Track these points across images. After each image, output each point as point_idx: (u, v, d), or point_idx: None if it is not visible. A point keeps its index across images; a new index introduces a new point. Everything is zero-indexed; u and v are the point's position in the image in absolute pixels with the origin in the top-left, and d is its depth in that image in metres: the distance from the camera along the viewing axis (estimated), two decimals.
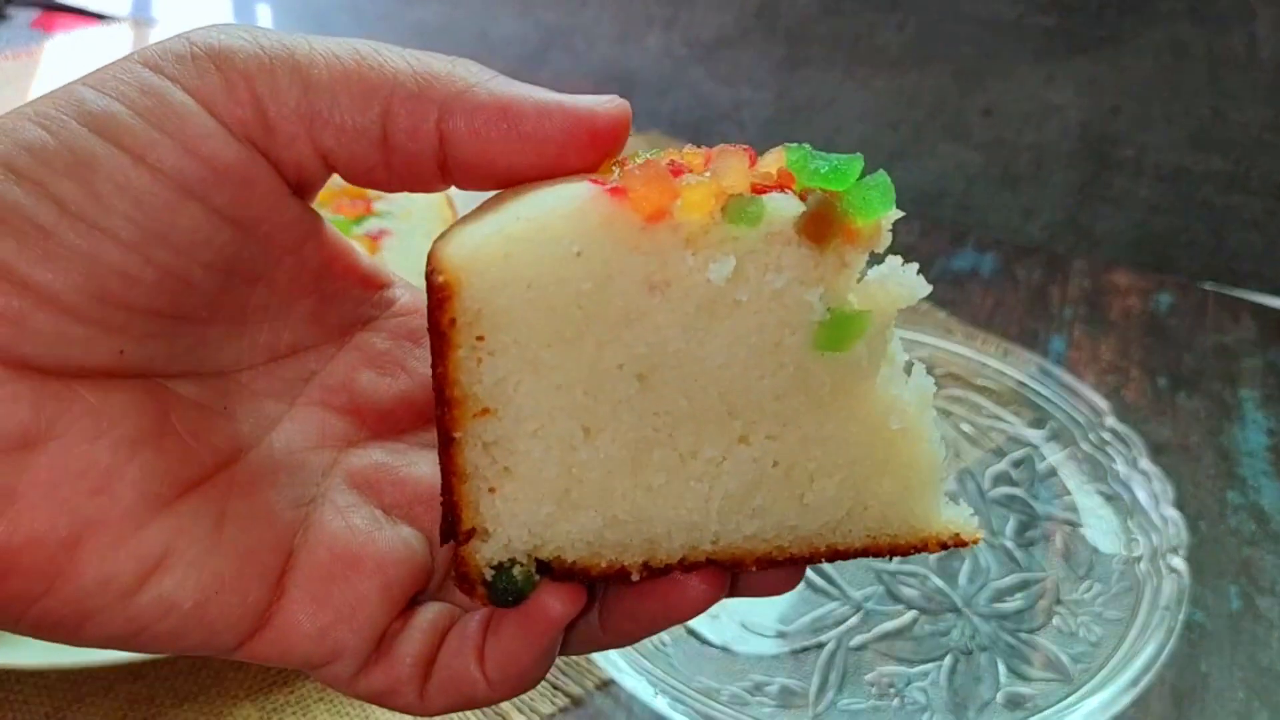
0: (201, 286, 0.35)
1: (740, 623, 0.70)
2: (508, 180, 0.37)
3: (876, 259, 0.37)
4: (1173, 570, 0.69)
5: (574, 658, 0.68)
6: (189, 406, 0.36)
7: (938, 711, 0.64)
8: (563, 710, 0.66)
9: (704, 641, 0.68)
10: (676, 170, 0.34)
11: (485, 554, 0.37)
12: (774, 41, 1.53)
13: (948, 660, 0.67)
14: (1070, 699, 0.63)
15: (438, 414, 0.36)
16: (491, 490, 0.37)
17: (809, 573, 0.73)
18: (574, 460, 0.37)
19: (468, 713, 0.65)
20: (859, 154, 0.35)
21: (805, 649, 0.68)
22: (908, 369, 0.39)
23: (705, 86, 1.42)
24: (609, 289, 0.34)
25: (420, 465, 0.41)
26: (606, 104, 0.36)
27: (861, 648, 0.68)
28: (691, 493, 0.37)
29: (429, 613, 0.40)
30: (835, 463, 0.37)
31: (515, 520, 0.37)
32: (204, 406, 0.37)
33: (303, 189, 0.37)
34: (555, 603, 0.37)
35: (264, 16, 1.58)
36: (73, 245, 0.31)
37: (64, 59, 1.39)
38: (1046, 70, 1.41)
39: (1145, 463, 0.77)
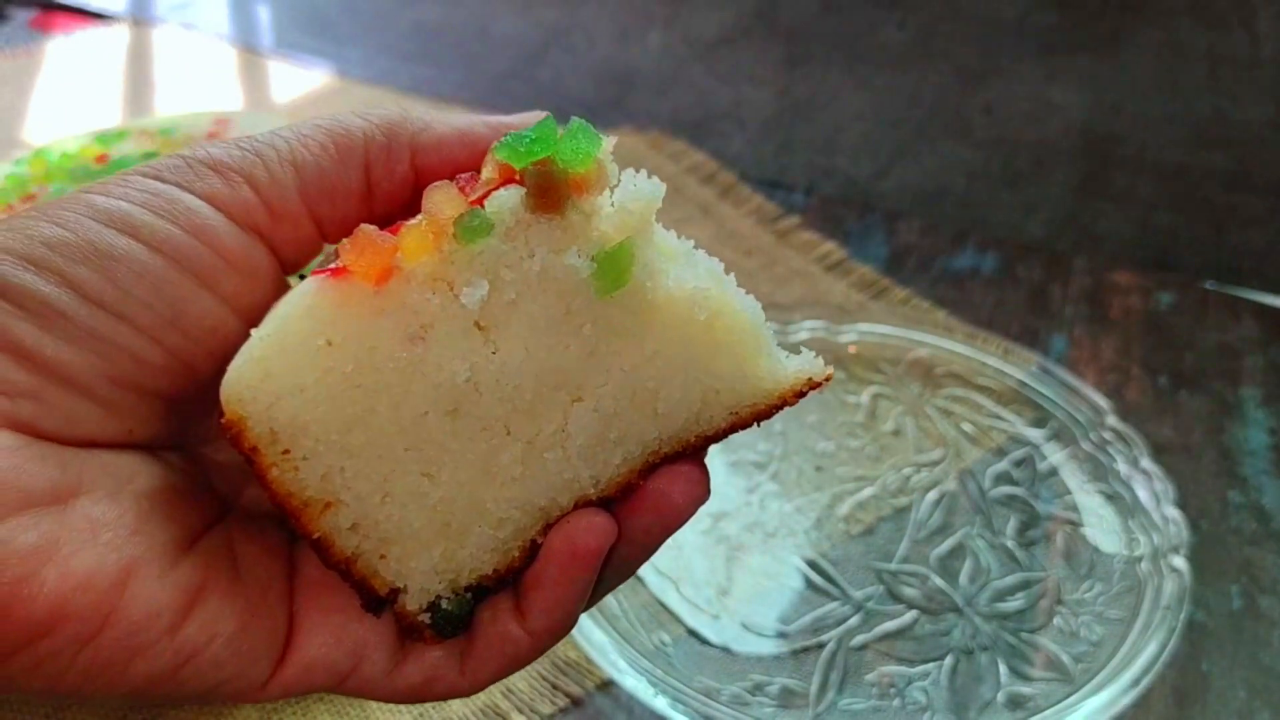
0: (201, 371, 0.37)
1: (741, 623, 0.69)
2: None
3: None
4: (1174, 570, 0.69)
5: (573, 658, 0.68)
6: (178, 472, 0.38)
7: (939, 712, 0.64)
8: (563, 710, 0.66)
9: (704, 641, 0.68)
10: (395, 228, 0.36)
11: (412, 605, 0.39)
12: (774, 40, 1.53)
13: (949, 660, 0.67)
14: (1071, 699, 0.63)
15: (291, 526, 0.37)
16: (382, 557, 0.39)
17: (809, 573, 0.72)
18: (432, 501, 0.38)
19: (468, 715, 0.65)
20: (547, 113, 0.37)
21: (806, 649, 0.68)
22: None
23: (705, 85, 1.42)
24: (374, 359, 0.36)
25: None
26: (532, 120, 0.39)
27: (862, 648, 0.68)
28: (551, 462, 0.39)
29: None
30: (670, 371, 0.39)
31: (418, 571, 0.39)
32: (188, 473, 0.39)
33: (294, 270, 0.40)
34: (589, 537, 0.38)
35: (264, 17, 1.58)
36: (90, 328, 0.33)
37: (63, 58, 1.39)
38: (1047, 68, 1.40)
39: (1146, 462, 0.77)
